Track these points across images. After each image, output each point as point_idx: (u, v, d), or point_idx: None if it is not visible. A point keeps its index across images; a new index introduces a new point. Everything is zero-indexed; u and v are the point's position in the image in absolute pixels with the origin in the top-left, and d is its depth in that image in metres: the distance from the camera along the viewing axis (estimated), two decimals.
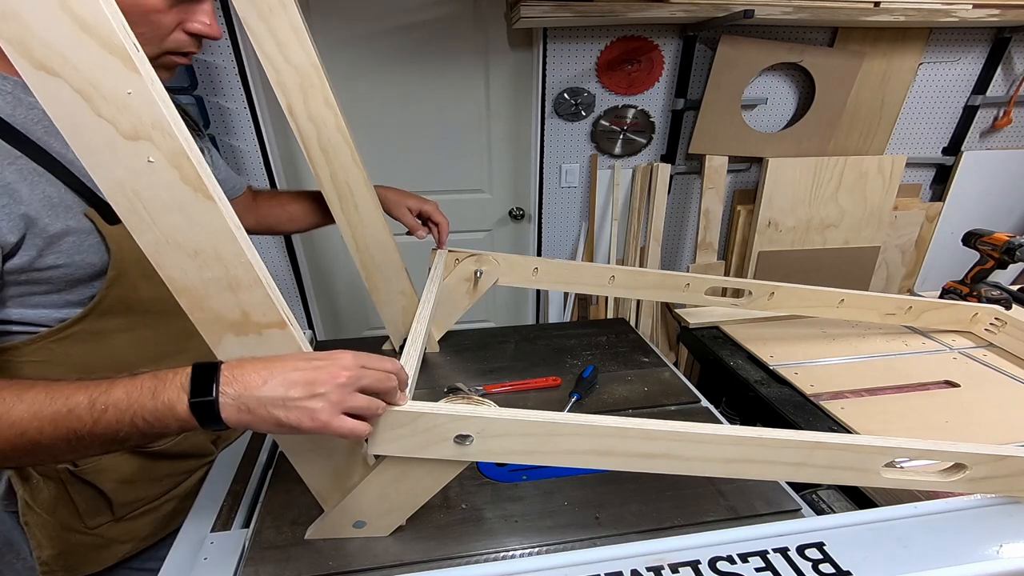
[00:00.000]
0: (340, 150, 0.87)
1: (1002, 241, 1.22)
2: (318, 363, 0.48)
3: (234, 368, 0.46)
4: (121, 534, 0.76)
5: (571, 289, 1.11)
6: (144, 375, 0.46)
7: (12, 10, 0.35)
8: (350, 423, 0.48)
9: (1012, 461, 0.62)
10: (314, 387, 0.46)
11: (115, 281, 0.64)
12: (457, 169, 2.09)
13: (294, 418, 0.46)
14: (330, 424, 0.46)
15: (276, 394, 0.45)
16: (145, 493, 0.77)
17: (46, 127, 0.57)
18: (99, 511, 0.73)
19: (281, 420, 0.45)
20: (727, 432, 0.57)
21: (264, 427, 0.46)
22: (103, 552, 0.76)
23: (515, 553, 0.66)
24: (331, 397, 0.46)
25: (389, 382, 0.50)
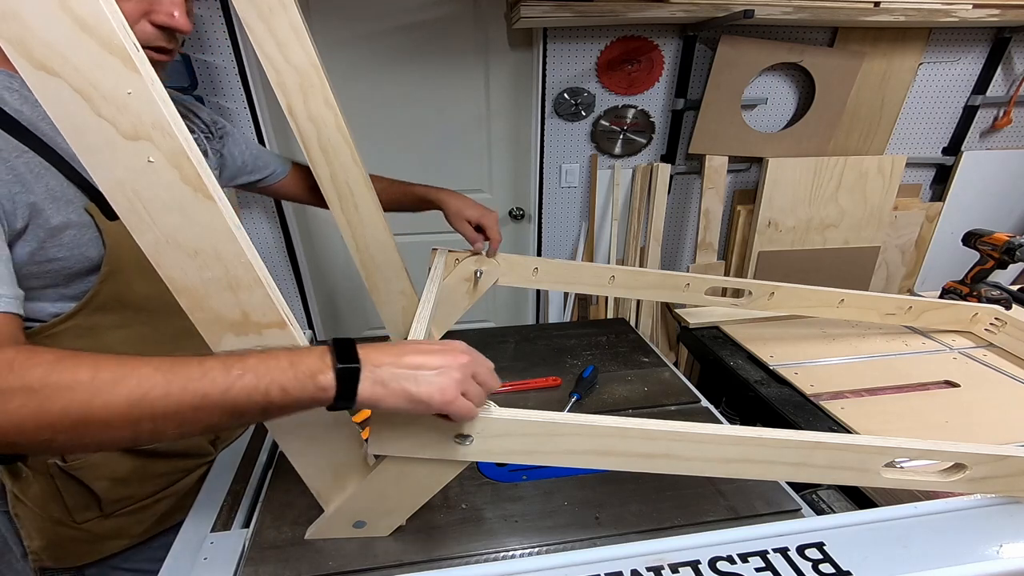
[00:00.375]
0: (340, 150, 0.87)
1: (1002, 241, 1.22)
2: (441, 347, 0.51)
3: (364, 347, 0.48)
4: (110, 530, 0.76)
5: (571, 289, 1.11)
6: (272, 349, 0.47)
7: (12, 10, 0.35)
8: (468, 404, 0.50)
9: (1012, 461, 0.62)
10: (442, 366, 0.49)
11: (109, 276, 0.63)
12: (457, 169, 2.09)
13: (424, 392, 0.47)
14: (455, 402, 0.48)
15: (409, 369, 0.48)
16: (136, 491, 0.76)
17: (52, 123, 0.57)
18: (87, 507, 0.73)
19: (412, 393, 0.47)
20: (727, 432, 0.57)
21: (393, 401, 0.47)
22: (92, 546, 0.76)
23: (515, 553, 0.66)
24: (455, 375, 0.49)
25: (493, 379, 0.53)
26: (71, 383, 0.40)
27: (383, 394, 0.47)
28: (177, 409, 0.42)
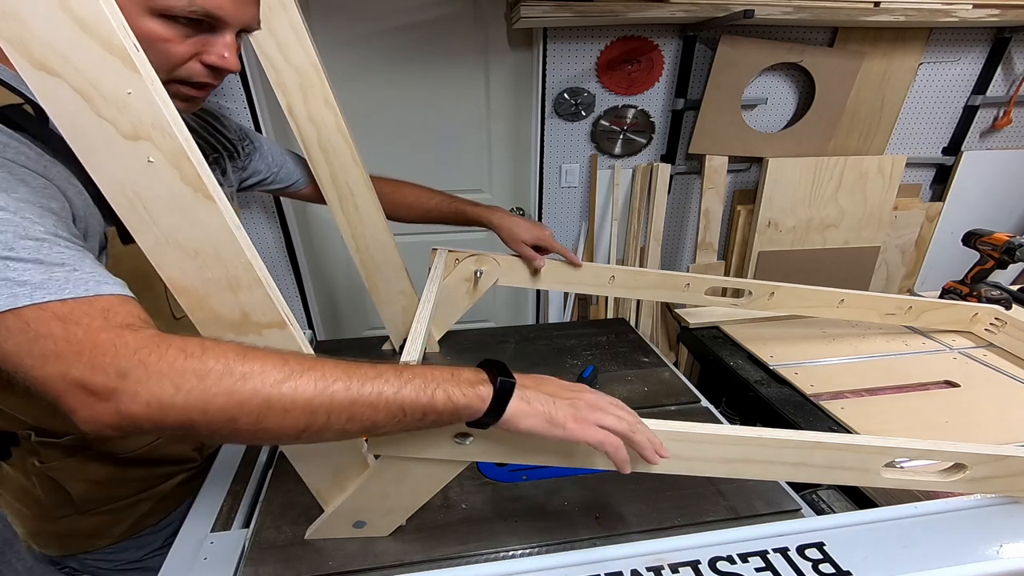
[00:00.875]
0: (340, 150, 0.87)
1: (1002, 241, 1.22)
2: (571, 384, 0.57)
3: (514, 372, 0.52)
4: (88, 528, 0.76)
5: (571, 289, 1.11)
6: (427, 364, 0.51)
7: (12, 10, 0.35)
8: (603, 432, 0.52)
9: (1012, 461, 0.62)
10: (574, 396, 0.54)
11: None
12: (457, 169, 2.09)
13: (561, 415, 0.51)
14: (587, 429, 0.52)
15: (548, 392, 0.53)
16: (112, 493, 0.76)
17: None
18: (63, 504, 0.73)
19: (552, 415, 0.51)
20: (727, 432, 0.57)
21: (534, 421, 0.51)
22: (70, 540, 0.77)
23: (515, 553, 0.66)
24: (585, 406, 0.53)
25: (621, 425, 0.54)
26: (263, 368, 0.42)
27: (527, 412, 0.50)
28: (352, 403, 0.45)
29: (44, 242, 0.43)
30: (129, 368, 0.39)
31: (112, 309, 0.42)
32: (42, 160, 0.50)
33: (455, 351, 1.15)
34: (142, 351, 0.40)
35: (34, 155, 0.50)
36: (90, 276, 0.44)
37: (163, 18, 0.52)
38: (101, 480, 0.74)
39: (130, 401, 0.39)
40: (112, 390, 0.39)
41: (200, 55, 0.57)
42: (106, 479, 0.74)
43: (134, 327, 0.42)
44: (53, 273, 0.41)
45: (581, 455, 0.58)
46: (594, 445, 0.52)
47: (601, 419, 0.53)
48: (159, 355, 0.40)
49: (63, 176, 0.52)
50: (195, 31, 0.55)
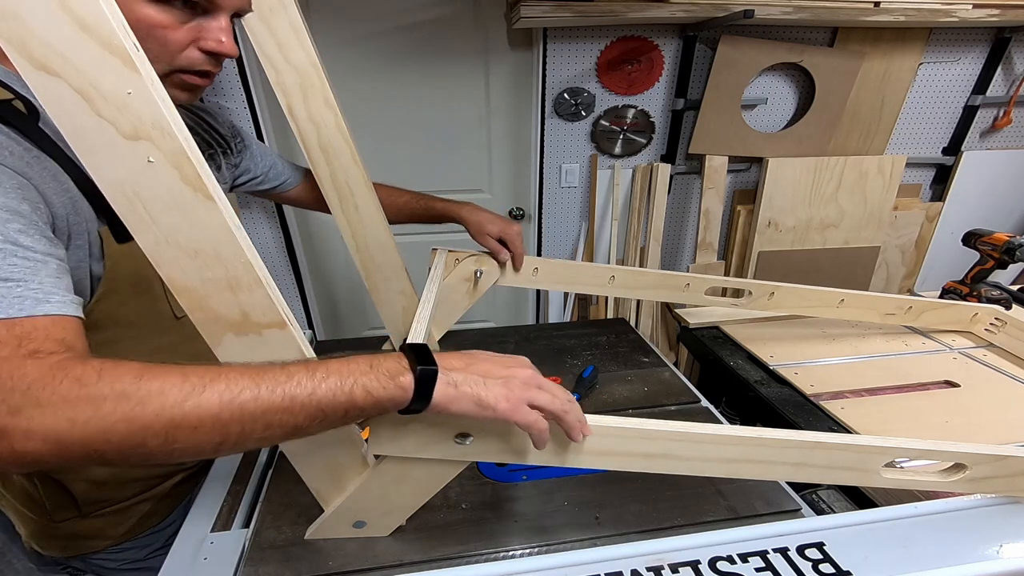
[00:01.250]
0: (340, 150, 0.87)
1: (1002, 241, 1.22)
2: (506, 358, 0.54)
3: (436, 354, 0.50)
4: (89, 531, 0.76)
5: (571, 289, 1.11)
6: (351, 356, 0.49)
7: (12, 10, 0.35)
8: (534, 414, 0.51)
9: (1012, 461, 0.62)
10: (506, 375, 0.51)
11: (104, 297, 0.62)
12: (457, 169, 2.09)
13: (492, 396, 0.49)
14: (518, 409, 0.50)
15: (478, 373, 0.50)
16: (113, 494, 0.76)
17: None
18: (65, 507, 0.73)
19: (481, 397, 0.49)
20: (727, 432, 0.57)
21: (463, 404, 0.49)
22: (72, 542, 0.77)
23: (515, 553, 0.66)
24: (517, 384, 0.51)
25: (560, 391, 0.54)
26: (162, 388, 0.40)
27: (455, 396, 0.48)
28: (265, 411, 0.43)
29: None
30: (21, 404, 0.37)
31: (31, 335, 0.41)
32: (26, 156, 0.50)
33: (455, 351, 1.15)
34: (36, 383, 0.38)
35: (19, 151, 0.49)
36: (33, 293, 0.42)
37: (158, 3, 0.53)
38: (103, 481, 0.74)
39: (24, 439, 0.37)
40: (4, 427, 0.36)
41: (197, 41, 0.58)
42: (108, 480, 0.75)
43: (41, 355, 0.40)
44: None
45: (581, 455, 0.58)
46: (522, 427, 0.51)
47: (534, 397, 0.51)
48: (52, 387, 0.38)
49: (49, 174, 0.52)
50: (190, 15, 0.56)
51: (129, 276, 0.63)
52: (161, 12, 0.53)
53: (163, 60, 0.56)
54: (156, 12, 0.53)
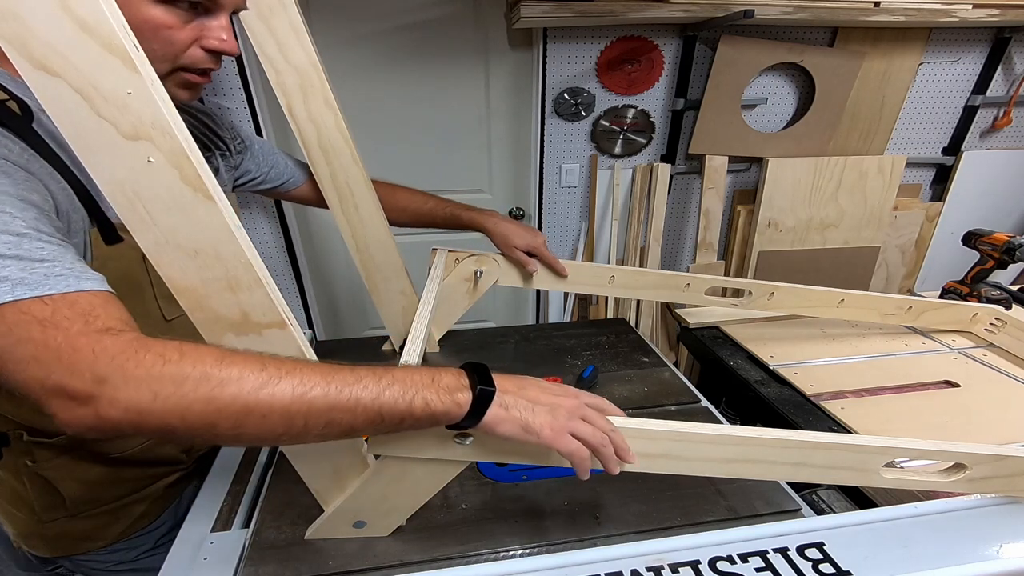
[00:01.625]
0: (340, 150, 0.87)
1: (1002, 241, 1.22)
2: (555, 387, 0.56)
3: (494, 375, 0.53)
4: (80, 530, 0.76)
5: (571, 289, 1.11)
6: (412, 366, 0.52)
7: (12, 10, 0.35)
8: (575, 443, 0.52)
9: (1012, 461, 0.62)
10: (554, 402, 0.54)
11: None
12: (457, 169, 2.09)
13: (538, 423, 0.51)
14: (560, 438, 0.52)
15: (527, 399, 0.53)
16: (103, 494, 0.76)
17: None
18: (54, 507, 0.73)
19: (528, 422, 0.51)
20: (727, 432, 0.57)
21: (510, 427, 0.51)
22: (63, 542, 0.77)
23: (515, 553, 0.66)
24: (562, 414, 0.53)
25: (603, 422, 0.55)
26: (241, 374, 0.42)
27: (504, 418, 0.51)
28: (331, 408, 0.45)
29: (25, 237, 0.43)
30: (108, 374, 0.39)
31: (93, 312, 0.42)
32: (25, 155, 0.50)
33: (455, 351, 1.15)
34: (120, 356, 0.40)
35: (17, 149, 0.50)
36: (70, 272, 0.43)
37: (164, 4, 0.53)
38: (93, 481, 0.74)
39: (108, 406, 0.39)
40: (91, 395, 0.39)
41: (200, 40, 0.58)
42: (98, 480, 0.74)
43: (114, 331, 0.42)
44: (33, 269, 0.41)
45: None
46: (564, 455, 0.53)
47: (577, 428, 0.53)
48: (137, 361, 0.40)
49: (45, 172, 0.52)
50: (193, 15, 0.57)
51: (116, 278, 0.61)
52: (167, 13, 0.54)
53: (167, 59, 0.57)
54: (162, 13, 0.54)
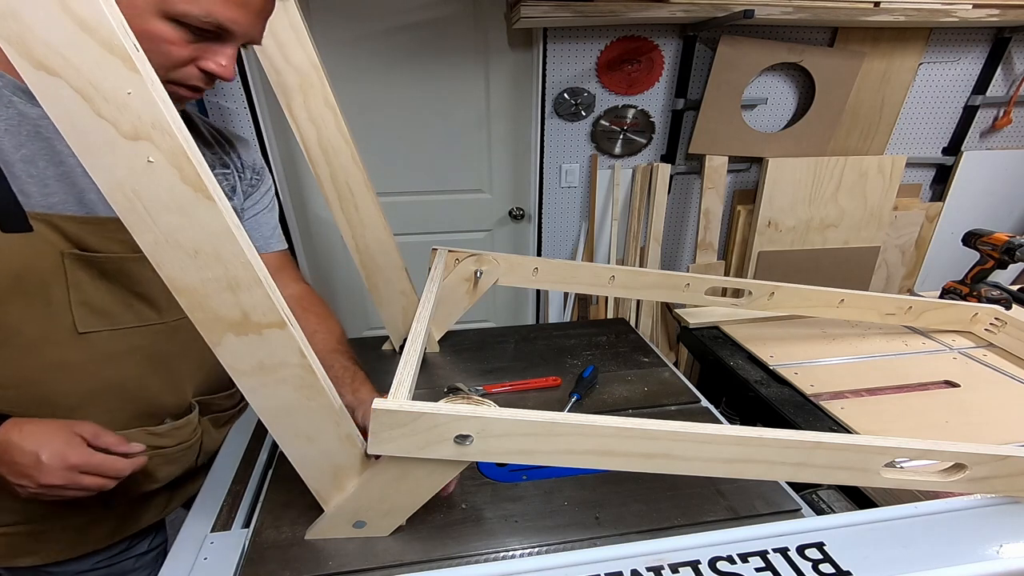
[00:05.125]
0: (340, 150, 0.87)
1: (1002, 241, 1.22)
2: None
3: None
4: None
5: (571, 289, 1.11)
6: None
7: (12, 10, 0.35)
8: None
9: (1012, 461, 0.62)
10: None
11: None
12: (457, 169, 2.09)
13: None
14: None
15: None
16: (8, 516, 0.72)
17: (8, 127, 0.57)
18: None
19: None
20: (727, 432, 0.57)
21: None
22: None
23: (515, 553, 0.66)
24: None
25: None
26: None
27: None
28: None
29: None
30: None
31: None
32: None
33: (455, 351, 1.15)
34: None
35: None
36: None
37: (174, 22, 0.53)
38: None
39: None
40: None
41: (198, 60, 0.58)
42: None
43: None
44: None
45: (582, 455, 0.58)
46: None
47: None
48: None
49: None
50: (200, 38, 0.56)
51: (11, 272, 0.58)
52: (174, 30, 0.54)
53: (159, 69, 0.55)
54: (169, 29, 0.54)
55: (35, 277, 0.60)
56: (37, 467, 0.59)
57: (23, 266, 0.59)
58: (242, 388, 0.52)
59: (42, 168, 0.59)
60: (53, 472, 0.60)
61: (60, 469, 0.60)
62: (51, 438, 0.61)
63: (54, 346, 0.65)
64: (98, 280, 0.65)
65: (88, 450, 0.63)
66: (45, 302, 0.62)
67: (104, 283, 0.66)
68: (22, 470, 0.60)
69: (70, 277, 0.62)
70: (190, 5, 0.53)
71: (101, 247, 0.63)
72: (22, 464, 0.60)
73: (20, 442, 0.60)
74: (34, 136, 0.59)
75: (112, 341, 0.69)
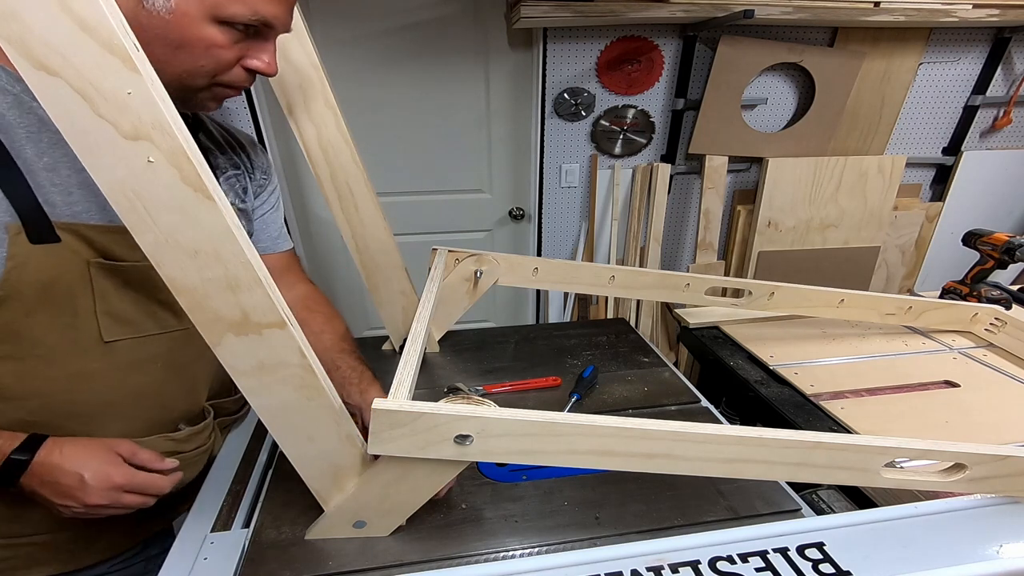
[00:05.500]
0: (340, 150, 0.87)
1: (1002, 241, 1.22)
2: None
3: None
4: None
5: (571, 289, 1.11)
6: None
7: (12, 10, 0.35)
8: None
9: (1012, 461, 0.62)
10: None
11: (2, 303, 0.57)
12: (457, 169, 2.09)
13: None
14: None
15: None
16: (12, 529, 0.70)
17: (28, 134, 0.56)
18: None
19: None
20: (727, 432, 0.57)
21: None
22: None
23: (515, 553, 0.66)
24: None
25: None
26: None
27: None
28: None
29: None
30: None
31: None
32: None
33: (455, 351, 1.15)
34: None
35: None
36: None
37: (223, 25, 0.54)
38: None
39: None
40: None
41: (243, 60, 0.59)
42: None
43: None
44: None
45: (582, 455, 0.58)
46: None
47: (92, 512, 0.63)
48: None
49: None
50: (245, 37, 0.57)
51: (39, 283, 0.58)
52: (222, 33, 0.55)
53: (210, 75, 0.58)
54: (218, 33, 0.55)
55: (62, 287, 0.60)
56: (82, 488, 0.61)
57: (50, 277, 0.59)
58: (242, 388, 0.52)
59: (65, 176, 0.58)
60: (97, 492, 0.61)
61: (104, 489, 0.62)
62: (91, 458, 0.62)
63: (78, 356, 0.64)
64: (122, 289, 0.65)
65: (130, 469, 0.65)
66: (72, 312, 0.62)
67: (128, 292, 0.65)
68: (66, 491, 0.61)
69: (96, 286, 0.62)
70: (238, 6, 0.54)
71: (126, 255, 0.63)
72: (66, 486, 0.61)
73: (62, 463, 0.61)
74: (56, 143, 0.57)
75: (135, 349, 0.69)
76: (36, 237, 0.56)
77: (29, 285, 0.58)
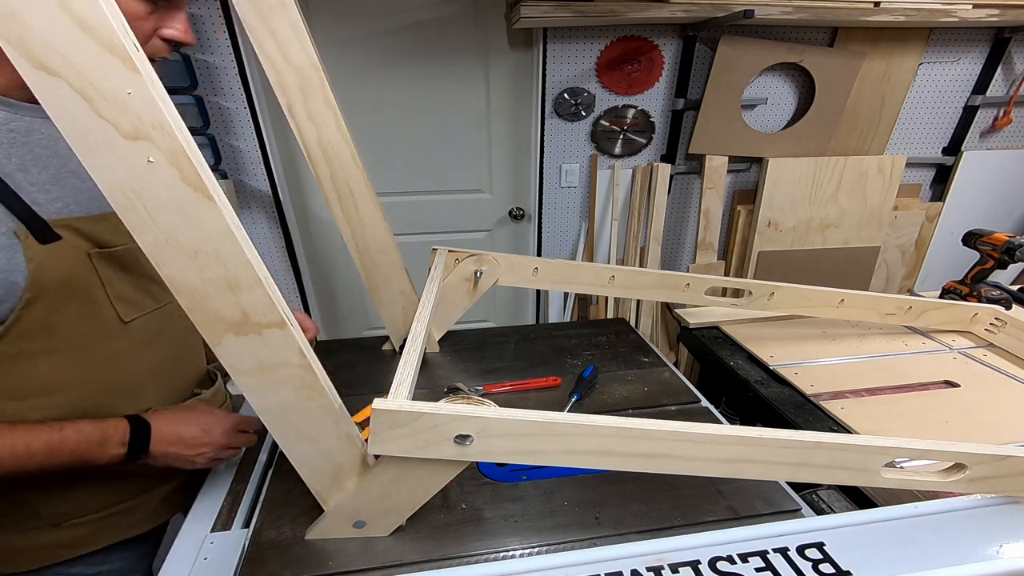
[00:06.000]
0: (340, 150, 0.87)
1: (1002, 241, 1.22)
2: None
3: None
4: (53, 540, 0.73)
5: (571, 289, 1.11)
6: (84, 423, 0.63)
7: (12, 10, 0.35)
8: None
9: (1012, 461, 0.62)
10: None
11: (32, 303, 0.60)
12: (457, 169, 2.09)
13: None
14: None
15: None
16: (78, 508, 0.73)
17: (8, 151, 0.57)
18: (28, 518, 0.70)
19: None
20: (727, 432, 0.57)
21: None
22: (37, 554, 0.73)
23: (515, 553, 0.66)
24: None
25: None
26: None
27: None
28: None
29: None
30: None
31: None
32: None
33: (455, 351, 1.15)
34: None
35: None
36: None
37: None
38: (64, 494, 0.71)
39: None
40: None
41: (159, 30, 0.60)
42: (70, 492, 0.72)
43: None
44: None
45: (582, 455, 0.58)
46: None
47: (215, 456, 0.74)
48: None
49: None
50: (155, 6, 0.58)
51: (57, 280, 0.60)
52: (139, 3, 0.56)
53: None
54: (136, 4, 0.56)
55: (79, 280, 0.63)
56: (208, 434, 0.72)
57: (66, 272, 0.61)
58: (242, 388, 0.52)
59: (36, 174, 0.60)
60: (221, 434, 0.73)
61: (223, 431, 0.74)
62: (190, 415, 0.73)
63: (106, 340, 0.68)
64: (121, 272, 0.68)
65: (232, 414, 0.76)
66: (91, 301, 0.65)
67: (126, 274, 0.69)
68: (194, 442, 0.71)
69: (102, 274, 0.66)
70: None
71: (116, 240, 0.66)
72: (191, 437, 0.71)
73: (177, 427, 0.70)
74: (16, 143, 0.58)
75: (146, 326, 0.73)
76: (41, 238, 0.59)
77: (51, 282, 0.61)
